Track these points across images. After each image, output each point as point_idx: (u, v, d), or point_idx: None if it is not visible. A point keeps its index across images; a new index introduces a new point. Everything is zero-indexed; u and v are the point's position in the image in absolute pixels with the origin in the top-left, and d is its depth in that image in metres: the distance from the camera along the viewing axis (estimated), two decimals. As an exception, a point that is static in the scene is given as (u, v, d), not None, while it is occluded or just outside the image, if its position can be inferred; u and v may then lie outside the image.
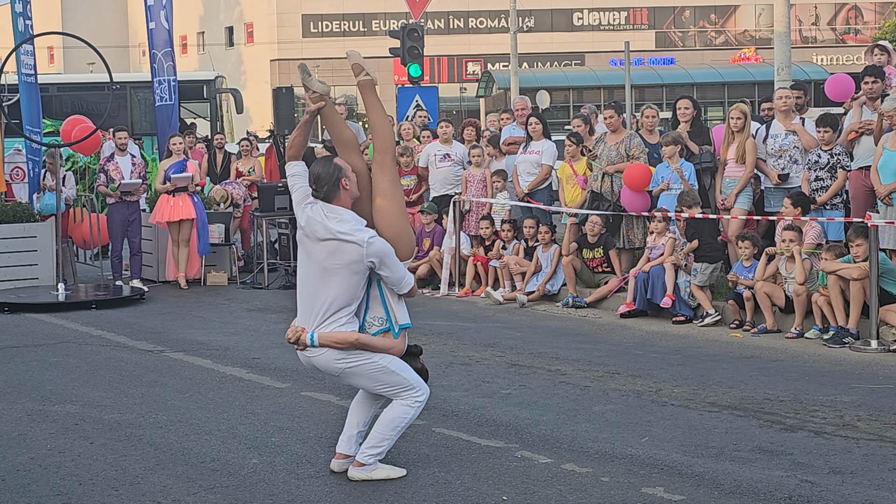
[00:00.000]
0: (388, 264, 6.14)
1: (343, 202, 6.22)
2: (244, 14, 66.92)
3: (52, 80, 28.47)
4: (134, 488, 6.26)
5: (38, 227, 14.81)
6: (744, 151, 12.06)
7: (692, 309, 11.68)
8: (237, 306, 13.43)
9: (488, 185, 14.51)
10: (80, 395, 8.64)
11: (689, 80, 54.58)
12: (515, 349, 10.31)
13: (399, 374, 6.27)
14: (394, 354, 6.25)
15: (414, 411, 6.34)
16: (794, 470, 6.40)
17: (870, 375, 8.98)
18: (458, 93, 62.31)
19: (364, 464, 6.33)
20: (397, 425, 6.32)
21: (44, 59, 67.57)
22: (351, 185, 6.24)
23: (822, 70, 52.92)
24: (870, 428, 7.31)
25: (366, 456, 6.33)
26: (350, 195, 6.25)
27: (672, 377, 8.98)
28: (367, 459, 6.33)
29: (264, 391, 8.69)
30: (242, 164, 17.24)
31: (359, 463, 6.34)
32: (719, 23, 66.21)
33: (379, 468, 6.35)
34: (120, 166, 14.88)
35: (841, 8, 66.46)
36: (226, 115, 29.46)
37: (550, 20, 64.71)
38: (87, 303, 13.43)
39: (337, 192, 6.19)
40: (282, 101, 17.92)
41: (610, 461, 6.63)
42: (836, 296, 10.26)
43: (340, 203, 6.21)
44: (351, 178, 6.25)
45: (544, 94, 44.05)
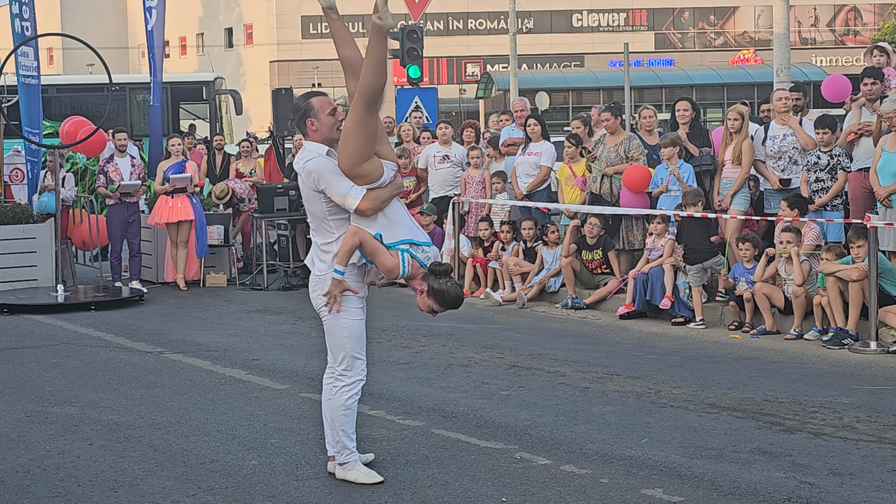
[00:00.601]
0: (325, 181, 6.07)
1: (312, 139, 6.23)
2: (243, 15, 66.95)
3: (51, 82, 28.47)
4: (133, 490, 6.26)
5: (37, 228, 14.81)
6: (740, 152, 12.07)
7: (691, 310, 11.68)
8: (236, 307, 13.43)
9: (487, 186, 14.51)
10: (79, 397, 8.63)
11: (689, 82, 54.61)
12: (514, 350, 10.31)
13: (348, 343, 6.21)
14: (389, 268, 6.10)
15: (340, 394, 6.25)
16: (794, 471, 6.40)
17: (869, 377, 8.98)
18: (457, 94, 62.30)
19: (343, 462, 6.35)
20: (337, 414, 6.28)
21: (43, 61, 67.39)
22: (319, 126, 6.16)
23: (821, 71, 52.93)
24: (869, 429, 7.31)
25: (340, 456, 6.35)
26: (320, 136, 6.18)
27: (671, 378, 8.98)
28: (341, 458, 6.35)
29: (263, 392, 8.69)
30: (242, 165, 17.24)
31: (340, 462, 6.36)
32: (718, 24, 66.25)
33: (354, 470, 6.32)
34: (119, 167, 14.88)
35: (840, 9, 66.50)
36: (225, 117, 29.44)
37: (550, 22, 64.75)
38: (86, 304, 13.43)
39: (304, 128, 6.22)
40: (281, 103, 17.91)
41: (609, 462, 6.63)
42: (835, 297, 10.26)
43: (309, 139, 6.24)
44: (321, 121, 6.16)
45: (543, 95, 44.06)
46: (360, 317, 6.29)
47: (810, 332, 10.53)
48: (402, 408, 8.02)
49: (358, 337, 6.28)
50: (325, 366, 6.42)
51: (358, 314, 6.28)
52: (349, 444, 6.33)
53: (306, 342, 10.89)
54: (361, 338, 6.30)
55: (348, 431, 6.32)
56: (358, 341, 6.28)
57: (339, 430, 6.31)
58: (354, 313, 6.26)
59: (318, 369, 9.38)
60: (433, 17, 60.86)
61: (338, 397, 6.30)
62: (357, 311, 6.28)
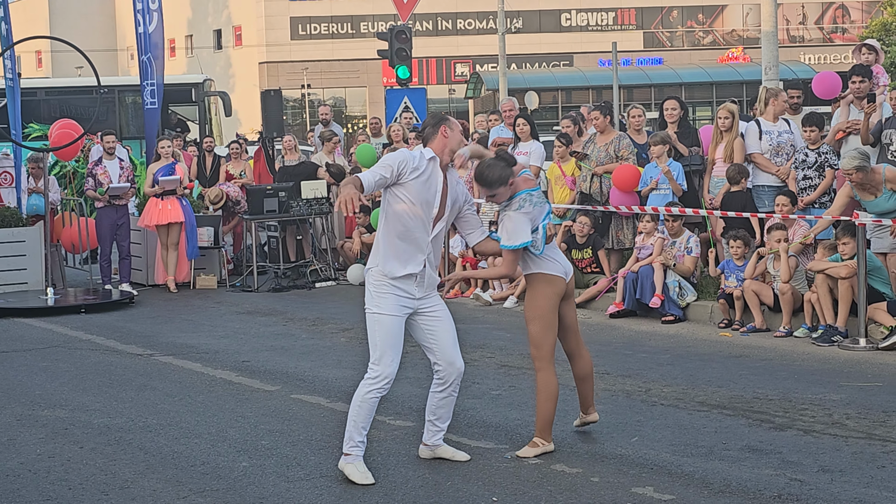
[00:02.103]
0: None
1: (436, 145, 6.45)
2: (232, 17, 66.89)
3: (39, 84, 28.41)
4: (124, 492, 6.26)
5: (26, 231, 14.78)
6: (732, 151, 12.10)
7: (681, 309, 11.71)
8: (226, 309, 13.42)
9: (475, 185, 14.48)
10: (69, 400, 8.62)
11: (678, 81, 54.67)
12: (505, 350, 10.32)
13: (375, 336, 6.34)
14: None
15: (362, 385, 6.34)
16: (784, 468, 6.41)
17: (858, 374, 9.00)
18: (446, 94, 62.36)
19: (346, 453, 6.38)
20: (354, 403, 6.36)
21: (32, 63, 67.54)
22: (452, 135, 6.45)
23: (809, 69, 53.01)
24: (858, 426, 7.33)
25: (345, 445, 6.39)
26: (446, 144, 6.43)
27: (661, 377, 9.00)
28: (346, 448, 6.39)
29: (254, 394, 8.69)
30: (232, 166, 17.23)
31: (344, 451, 6.40)
32: (707, 23, 66.35)
33: (352, 465, 6.34)
34: (108, 170, 14.86)
35: (828, 7, 66.64)
36: (214, 119, 29.41)
37: (538, 21, 64.79)
38: (76, 307, 13.41)
39: (435, 134, 6.47)
40: (270, 104, 17.90)
41: (600, 461, 6.64)
42: (824, 294, 10.29)
43: (433, 144, 6.46)
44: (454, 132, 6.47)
45: (533, 94, 44.10)
46: (395, 312, 6.35)
47: (800, 330, 10.56)
48: (393, 408, 8.02)
49: (388, 332, 6.33)
50: (315, 367, 6.43)
51: (393, 309, 6.34)
52: (356, 437, 6.36)
53: (297, 344, 10.88)
54: (393, 335, 6.34)
55: (359, 424, 6.35)
56: (388, 338, 6.33)
57: (351, 419, 6.37)
58: (388, 307, 6.34)
59: (309, 371, 9.40)
60: (422, 18, 60.88)
61: (360, 387, 6.39)
62: (392, 307, 6.34)
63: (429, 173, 6.36)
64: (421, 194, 6.32)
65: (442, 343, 6.54)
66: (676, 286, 11.74)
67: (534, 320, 6.80)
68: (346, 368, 9.29)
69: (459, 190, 6.61)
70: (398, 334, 6.37)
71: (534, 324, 6.80)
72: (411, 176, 6.29)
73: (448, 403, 6.68)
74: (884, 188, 10.20)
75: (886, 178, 10.19)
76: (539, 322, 6.77)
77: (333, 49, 63.35)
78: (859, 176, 10.17)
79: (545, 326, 6.77)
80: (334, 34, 64.24)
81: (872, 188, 10.25)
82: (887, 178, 10.19)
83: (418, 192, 6.31)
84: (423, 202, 6.33)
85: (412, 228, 6.35)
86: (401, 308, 6.38)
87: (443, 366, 6.56)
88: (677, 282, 11.75)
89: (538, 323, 6.78)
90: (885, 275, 10.37)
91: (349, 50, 62.58)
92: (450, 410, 6.72)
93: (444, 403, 6.67)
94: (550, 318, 6.78)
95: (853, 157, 10.25)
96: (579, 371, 7.14)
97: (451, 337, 6.57)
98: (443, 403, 6.67)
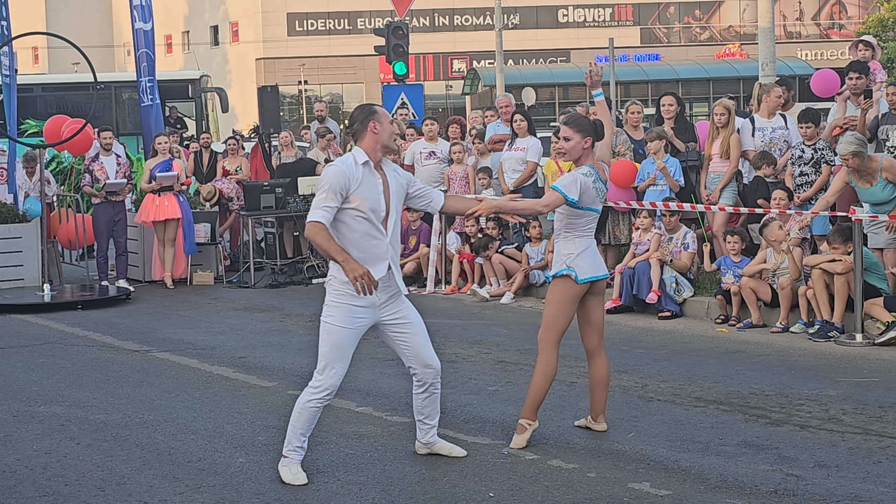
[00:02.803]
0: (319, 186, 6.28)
1: (366, 143, 6.29)
2: (229, 13, 66.83)
3: (36, 81, 28.41)
4: (120, 488, 6.26)
5: (23, 227, 14.76)
6: (728, 147, 12.11)
7: (678, 304, 11.71)
8: (223, 306, 13.42)
9: (471, 181, 14.52)
10: (66, 396, 8.62)
11: (674, 77, 54.69)
12: (502, 346, 10.32)
13: (323, 345, 6.26)
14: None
15: (304, 392, 6.30)
16: (780, 464, 6.42)
17: (855, 369, 9.01)
18: (443, 90, 62.34)
19: (284, 454, 6.36)
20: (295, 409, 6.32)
21: (28, 60, 67.47)
22: (381, 130, 6.28)
23: (806, 65, 53.06)
24: (855, 421, 7.34)
25: (284, 447, 6.37)
26: (378, 140, 6.27)
27: (658, 373, 9.00)
28: (284, 450, 6.36)
29: (251, 390, 8.69)
30: (229, 162, 17.21)
31: (283, 453, 6.37)
32: (704, 19, 66.34)
33: (286, 468, 6.32)
34: (105, 166, 14.84)
35: (825, 3, 66.62)
36: (211, 115, 29.42)
37: (535, 17, 64.75)
38: (72, 303, 13.40)
39: (363, 131, 6.30)
40: (267, 100, 17.89)
41: (596, 457, 6.65)
42: (820, 290, 10.29)
43: (364, 142, 6.29)
44: (384, 126, 6.30)
45: (530, 90, 44.05)
46: (346, 324, 6.23)
47: (796, 325, 10.57)
48: (390, 404, 8.02)
49: (335, 345, 6.23)
50: (312, 363, 6.43)
51: (345, 321, 6.23)
52: (294, 442, 6.32)
53: (293, 340, 10.88)
54: (340, 348, 6.24)
55: (298, 430, 6.31)
56: (335, 350, 6.24)
57: (291, 424, 6.33)
58: (340, 319, 6.23)
59: (306, 367, 9.39)
60: (419, 14, 60.83)
61: (303, 394, 6.34)
62: (344, 318, 6.22)
63: (366, 178, 6.22)
64: (366, 202, 6.18)
65: (414, 348, 6.49)
66: (673, 282, 11.74)
67: (551, 304, 6.95)
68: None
69: (400, 181, 6.45)
70: (347, 347, 6.26)
71: (550, 307, 6.95)
72: (353, 188, 6.15)
73: (432, 401, 6.65)
74: (879, 177, 10.21)
75: (883, 167, 10.20)
76: (555, 306, 6.91)
77: (330, 45, 63.31)
78: (856, 161, 10.18)
79: (560, 312, 6.90)
80: (331, 30, 64.19)
81: (868, 175, 10.25)
82: (883, 167, 10.20)
83: (363, 199, 6.17)
84: (370, 209, 6.20)
85: (366, 235, 6.22)
86: (354, 320, 6.24)
87: (418, 370, 6.54)
88: (674, 277, 11.76)
89: (554, 307, 6.92)
90: (882, 270, 10.37)
91: (346, 46, 62.54)
92: (436, 407, 6.69)
93: (429, 402, 6.65)
94: (567, 306, 6.90)
95: (850, 141, 10.25)
96: (595, 374, 7.18)
97: (423, 340, 6.52)
98: (427, 402, 6.64)
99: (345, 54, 62.34)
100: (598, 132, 6.95)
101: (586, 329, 7.11)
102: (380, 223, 6.26)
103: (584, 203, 6.81)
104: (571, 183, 6.78)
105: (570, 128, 6.90)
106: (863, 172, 10.26)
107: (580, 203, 6.78)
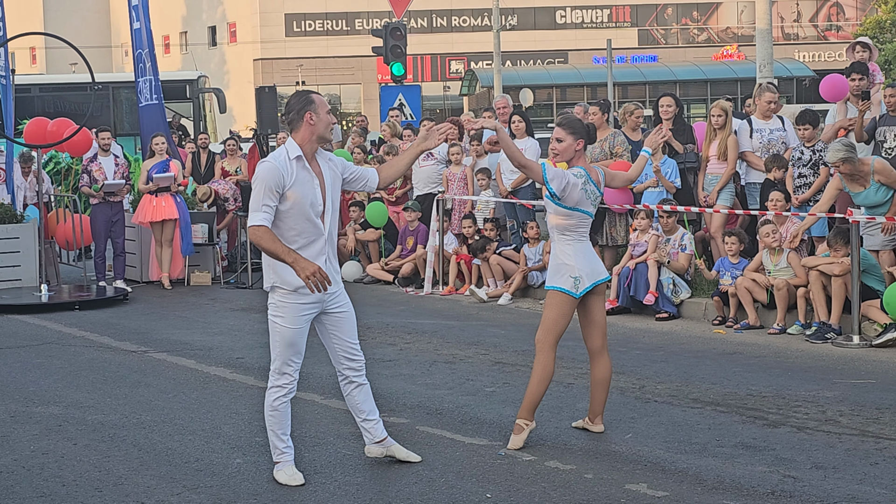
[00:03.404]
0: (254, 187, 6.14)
1: (302, 135, 6.15)
2: (227, 13, 66.81)
3: (33, 81, 28.41)
4: (118, 489, 6.25)
5: (20, 228, 14.76)
6: (725, 148, 12.12)
7: (675, 306, 11.72)
8: (221, 306, 13.42)
9: (469, 182, 14.52)
10: (63, 397, 8.62)
11: (672, 78, 54.70)
12: (499, 347, 10.32)
13: (275, 345, 6.22)
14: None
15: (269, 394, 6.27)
16: (777, 465, 6.42)
17: (852, 371, 9.02)
18: (441, 91, 62.30)
19: (275, 461, 6.36)
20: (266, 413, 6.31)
21: (26, 60, 67.42)
22: (318, 121, 6.14)
23: (804, 67, 53.13)
24: (852, 423, 7.34)
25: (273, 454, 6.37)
26: (314, 132, 6.13)
27: (655, 374, 9.01)
28: (276, 458, 6.35)
29: (248, 391, 8.69)
30: (228, 163, 17.22)
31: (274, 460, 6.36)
32: (701, 20, 66.35)
33: (280, 471, 6.30)
34: (103, 167, 14.85)
35: (823, 4, 66.64)
36: (209, 115, 29.41)
37: (533, 18, 64.75)
38: (70, 304, 13.40)
39: (299, 122, 6.15)
40: (265, 101, 17.87)
41: (593, 458, 6.65)
42: (818, 291, 10.30)
43: (299, 134, 6.16)
44: (321, 117, 6.16)
45: (528, 92, 44.08)
46: (295, 324, 6.19)
47: (793, 327, 10.57)
48: (387, 405, 8.02)
49: (289, 344, 6.21)
50: (309, 364, 6.43)
51: (294, 321, 6.18)
52: (279, 445, 6.31)
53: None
54: (294, 346, 6.22)
55: (277, 432, 6.30)
56: (289, 348, 6.22)
57: (269, 430, 6.32)
58: (289, 320, 6.18)
59: (303, 368, 9.34)
60: (416, 15, 60.83)
61: (267, 396, 6.32)
62: (293, 318, 6.18)
63: (300, 172, 6.11)
64: (302, 196, 6.08)
65: (341, 339, 6.38)
66: (670, 283, 11.75)
67: (550, 307, 6.97)
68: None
69: (335, 170, 6.34)
70: (299, 342, 6.21)
71: (549, 310, 6.97)
72: (287, 184, 6.04)
73: (363, 394, 6.50)
74: (871, 180, 10.22)
75: (875, 169, 10.21)
76: (554, 310, 6.93)
77: (328, 46, 63.30)
78: (847, 167, 10.20)
79: (559, 315, 6.92)
80: (329, 31, 64.18)
81: (861, 179, 10.27)
82: (875, 170, 10.21)
83: (299, 194, 6.07)
84: (308, 203, 6.10)
85: (304, 230, 6.12)
86: (302, 318, 6.19)
87: (342, 362, 6.42)
88: (671, 279, 11.76)
89: (553, 310, 6.94)
90: (879, 272, 10.38)
91: (344, 47, 62.52)
92: (372, 401, 6.55)
93: (360, 396, 6.50)
94: (566, 310, 6.92)
95: (837, 149, 10.26)
96: (597, 374, 7.18)
97: (351, 331, 6.40)
98: (359, 398, 6.50)
99: (342, 55, 62.34)
100: (590, 135, 7.02)
101: (588, 330, 7.12)
102: (317, 218, 6.16)
103: (568, 202, 6.83)
104: (558, 175, 6.82)
105: (563, 129, 6.94)
106: (855, 176, 10.27)
107: (563, 201, 6.82)
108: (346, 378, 6.47)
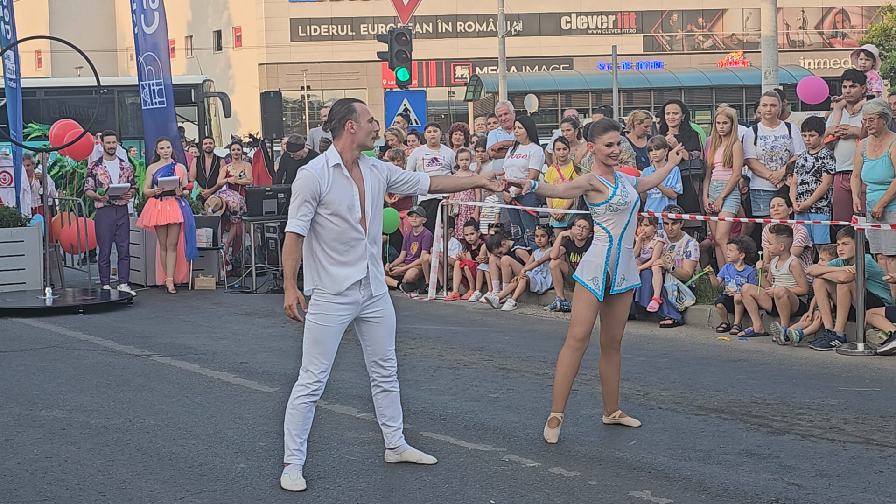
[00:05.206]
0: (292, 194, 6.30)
1: (343, 143, 6.25)
2: (232, 18, 66.91)
3: (39, 85, 28.42)
4: (121, 493, 6.25)
5: (25, 231, 14.77)
6: (731, 155, 12.11)
7: (679, 312, 11.71)
8: (225, 310, 13.42)
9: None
10: (67, 400, 8.62)
11: (677, 84, 54.71)
12: (503, 353, 10.32)
13: (307, 342, 6.29)
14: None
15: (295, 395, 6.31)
16: (781, 473, 6.41)
17: (856, 378, 9.00)
18: (446, 97, 62.36)
19: (286, 463, 6.37)
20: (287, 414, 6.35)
21: (31, 64, 67.52)
22: (358, 129, 6.23)
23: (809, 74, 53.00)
24: (856, 431, 7.33)
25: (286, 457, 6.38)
26: (355, 140, 6.23)
27: (660, 381, 9.00)
28: (287, 459, 6.37)
29: (252, 395, 8.69)
30: (233, 167, 17.24)
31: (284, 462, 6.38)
32: (707, 27, 66.39)
33: (286, 475, 6.31)
34: (108, 170, 14.86)
35: (828, 12, 66.69)
36: (214, 119, 29.42)
37: (538, 24, 64.82)
38: (74, 307, 13.40)
39: (340, 130, 6.25)
40: (270, 105, 17.90)
41: (597, 465, 6.64)
42: (822, 299, 10.29)
43: (341, 142, 6.25)
44: (361, 125, 6.24)
45: (532, 97, 44.14)
46: (326, 322, 6.25)
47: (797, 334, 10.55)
48: (391, 410, 8.01)
49: (315, 340, 6.27)
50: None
51: (325, 318, 6.24)
52: (291, 446, 6.33)
53: (295, 345, 10.85)
54: (320, 344, 6.26)
55: (292, 432, 6.32)
56: (315, 345, 6.27)
57: (285, 428, 6.36)
58: (321, 316, 6.25)
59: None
60: (422, 20, 60.90)
61: (291, 394, 6.37)
62: (325, 315, 6.24)
63: (338, 179, 6.20)
64: (342, 202, 6.18)
65: (375, 343, 6.45)
66: (675, 290, 11.74)
67: (578, 300, 7.21)
68: (344, 370, 9.28)
69: (378, 176, 6.40)
70: (328, 343, 6.27)
71: (578, 302, 7.21)
72: (325, 191, 6.15)
73: (390, 401, 6.59)
74: (886, 152, 10.29)
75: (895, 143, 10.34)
76: (582, 302, 7.18)
77: (333, 51, 63.38)
78: (881, 123, 10.39)
79: (587, 304, 7.16)
80: (334, 36, 64.27)
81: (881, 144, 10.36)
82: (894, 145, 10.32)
83: (339, 201, 6.17)
84: (347, 208, 6.19)
85: (345, 234, 6.22)
86: (335, 318, 6.25)
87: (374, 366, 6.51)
88: (676, 286, 11.75)
89: (581, 303, 7.18)
90: (883, 279, 10.37)
91: (349, 52, 62.59)
92: (397, 408, 6.64)
93: (387, 402, 6.59)
94: (594, 301, 7.14)
95: (878, 102, 10.58)
96: (603, 369, 7.49)
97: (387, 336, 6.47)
98: (385, 403, 6.60)
99: (348, 60, 62.41)
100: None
101: (608, 322, 7.41)
102: (357, 223, 6.24)
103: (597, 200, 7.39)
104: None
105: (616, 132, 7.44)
106: (879, 136, 10.37)
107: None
108: (375, 382, 6.57)
